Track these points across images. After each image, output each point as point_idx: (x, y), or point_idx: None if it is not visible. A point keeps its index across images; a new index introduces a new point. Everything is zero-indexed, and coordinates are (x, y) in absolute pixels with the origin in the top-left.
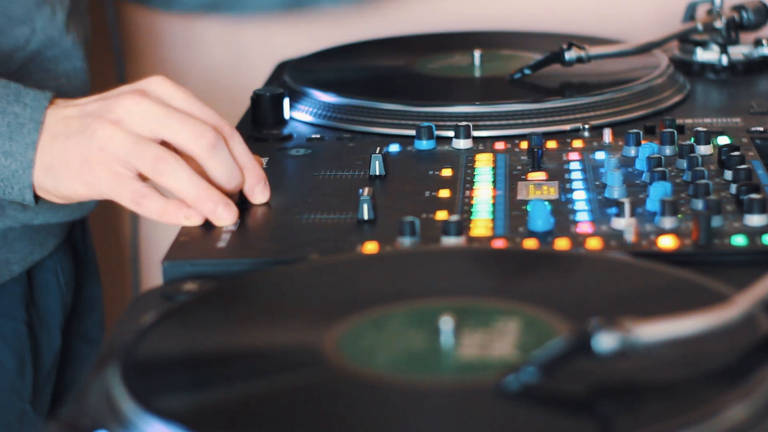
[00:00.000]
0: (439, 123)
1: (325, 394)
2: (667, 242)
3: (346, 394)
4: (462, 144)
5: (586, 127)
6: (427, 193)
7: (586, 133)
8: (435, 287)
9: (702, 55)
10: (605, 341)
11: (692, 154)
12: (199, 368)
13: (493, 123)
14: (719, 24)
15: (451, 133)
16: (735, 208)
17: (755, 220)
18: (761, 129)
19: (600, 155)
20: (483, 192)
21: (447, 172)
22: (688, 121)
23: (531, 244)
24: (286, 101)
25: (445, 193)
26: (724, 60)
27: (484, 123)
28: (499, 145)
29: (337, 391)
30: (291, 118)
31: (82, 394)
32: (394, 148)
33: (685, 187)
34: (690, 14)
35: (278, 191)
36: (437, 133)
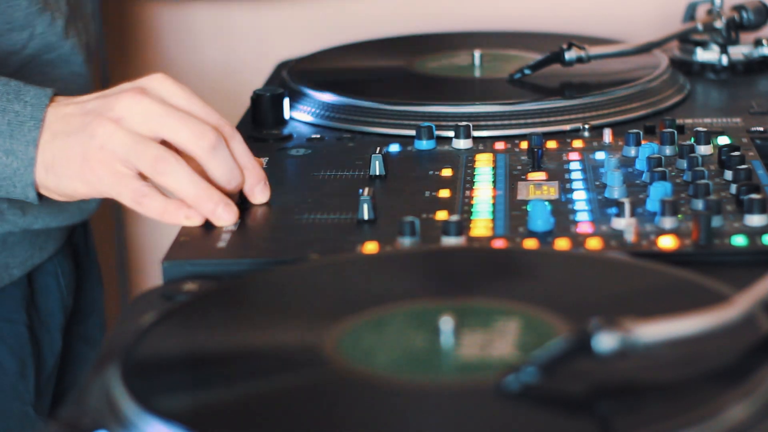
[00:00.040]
0: (439, 123)
1: (325, 394)
2: (667, 242)
3: (346, 394)
4: (462, 144)
5: (586, 127)
6: (427, 193)
7: (586, 133)
8: (435, 287)
9: (702, 55)
10: (605, 341)
11: (692, 154)
12: (199, 368)
13: (493, 123)
14: (719, 24)
15: (451, 133)
16: (735, 208)
17: (755, 220)
18: (761, 129)
19: (600, 155)
20: (483, 192)
21: (447, 172)
22: (688, 121)
23: (531, 244)
24: (286, 101)
25: (445, 193)
26: (724, 60)
27: (484, 123)
28: (499, 145)
29: (337, 391)
30: (291, 118)
31: (82, 395)
32: (394, 148)
33: (685, 187)
34: (690, 14)
35: (278, 191)
36: (437, 133)
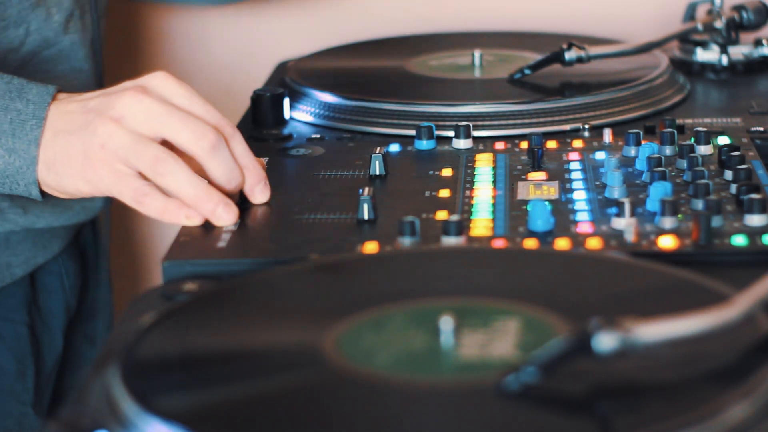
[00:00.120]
0: (439, 123)
1: (325, 394)
2: (667, 242)
3: (346, 394)
4: (462, 144)
5: (586, 127)
6: (427, 193)
7: (586, 133)
8: (435, 287)
9: (702, 55)
10: (605, 341)
11: (692, 154)
12: (199, 368)
13: (493, 123)
14: (719, 24)
15: (451, 133)
16: (735, 208)
17: (755, 220)
18: (761, 129)
19: (600, 155)
20: (483, 192)
21: (447, 172)
22: (688, 121)
23: (531, 244)
24: (286, 101)
25: (445, 193)
26: (724, 60)
27: (484, 123)
28: (499, 145)
29: (337, 391)
30: (291, 118)
31: (82, 394)
32: (394, 148)
33: (685, 187)
34: (690, 14)
35: (278, 191)
36: (437, 133)
